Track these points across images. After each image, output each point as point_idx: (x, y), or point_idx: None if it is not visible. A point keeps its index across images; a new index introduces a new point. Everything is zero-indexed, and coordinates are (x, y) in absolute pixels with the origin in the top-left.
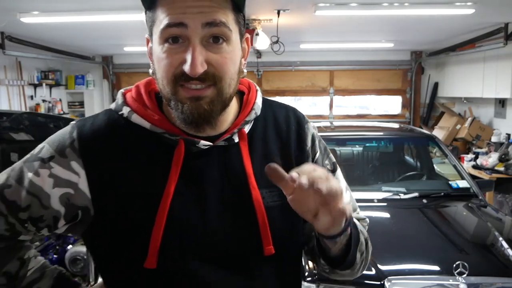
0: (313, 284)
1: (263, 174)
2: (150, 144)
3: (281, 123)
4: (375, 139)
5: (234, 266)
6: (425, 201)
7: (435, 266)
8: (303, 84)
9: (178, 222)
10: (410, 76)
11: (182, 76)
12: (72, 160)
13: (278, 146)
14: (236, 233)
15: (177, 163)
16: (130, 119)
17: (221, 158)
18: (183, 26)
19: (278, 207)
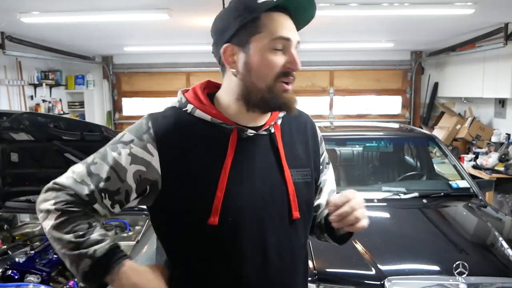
0: (313, 284)
1: (291, 157)
2: (210, 131)
3: (300, 123)
4: (375, 139)
5: (273, 226)
6: (425, 201)
7: (435, 266)
8: (303, 84)
9: (234, 188)
10: (410, 76)
11: (284, 74)
12: (148, 143)
13: (299, 139)
14: (274, 201)
15: (233, 145)
16: (193, 114)
17: (262, 143)
18: (288, 41)
19: (302, 184)
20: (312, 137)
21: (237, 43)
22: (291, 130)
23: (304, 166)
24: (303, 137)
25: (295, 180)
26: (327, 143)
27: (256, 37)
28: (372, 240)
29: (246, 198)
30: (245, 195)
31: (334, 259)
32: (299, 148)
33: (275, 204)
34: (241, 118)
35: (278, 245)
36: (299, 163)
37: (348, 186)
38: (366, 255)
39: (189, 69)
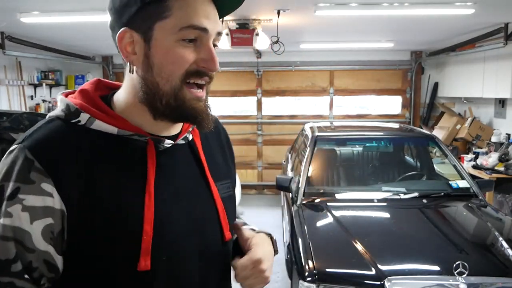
0: (313, 284)
1: (213, 168)
2: (118, 148)
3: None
4: (375, 139)
5: (209, 254)
6: (425, 201)
7: (435, 266)
8: (303, 84)
9: (163, 218)
10: (410, 76)
11: (195, 73)
12: (42, 182)
13: (216, 146)
14: (206, 223)
15: (152, 161)
16: (90, 126)
17: (183, 154)
18: (204, 31)
19: (228, 198)
20: (226, 142)
21: (137, 28)
22: (207, 136)
23: (226, 177)
24: (219, 143)
25: (221, 195)
26: (328, 143)
27: (161, 23)
28: (372, 240)
29: (179, 227)
30: (177, 223)
31: (334, 259)
32: (218, 157)
33: (208, 227)
34: (150, 126)
35: (218, 274)
36: (221, 175)
37: (348, 186)
38: (366, 255)
39: None
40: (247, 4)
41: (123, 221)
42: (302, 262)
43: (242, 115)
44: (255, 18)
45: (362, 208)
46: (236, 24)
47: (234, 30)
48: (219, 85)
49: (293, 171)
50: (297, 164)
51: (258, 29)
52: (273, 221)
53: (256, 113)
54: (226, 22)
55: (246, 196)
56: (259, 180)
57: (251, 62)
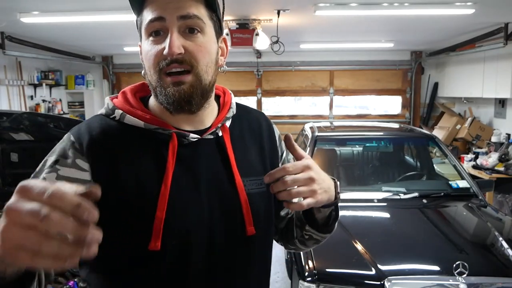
0: (313, 284)
1: (243, 164)
2: (145, 139)
3: (252, 123)
4: (375, 139)
5: (221, 246)
6: (425, 201)
7: (435, 266)
8: (303, 84)
9: (177, 206)
10: (410, 76)
11: (164, 62)
12: (77, 158)
13: (253, 141)
14: (225, 216)
15: (173, 153)
16: (123, 120)
17: (208, 149)
18: (162, 20)
19: (257, 194)
20: (268, 139)
21: (140, 37)
22: (243, 132)
23: (258, 174)
24: (258, 140)
25: (248, 191)
26: (328, 143)
27: (143, 30)
28: (372, 240)
29: (192, 215)
30: (191, 212)
31: (334, 259)
32: (252, 153)
33: (226, 219)
34: (173, 121)
35: (231, 267)
36: (252, 171)
37: (348, 186)
38: (366, 255)
39: None
40: (247, 4)
41: (139, 205)
42: (302, 262)
43: None
44: (255, 18)
45: (362, 208)
46: (236, 24)
47: (234, 30)
48: (218, 85)
49: None
50: None
51: (258, 29)
52: None
53: None
54: (227, 22)
55: None
56: None
57: (251, 62)
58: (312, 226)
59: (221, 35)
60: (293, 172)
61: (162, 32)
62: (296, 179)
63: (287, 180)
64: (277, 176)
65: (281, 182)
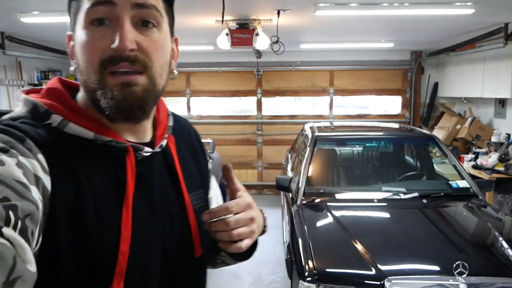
0: (313, 284)
1: (186, 179)
2: (95, 154)
3: (183, 130)
4: (375, 139)
5: (177, 273)
6: (425, 201)
7: (435, 266)
8: (303, 84)
9: (139, 236)
10: (410, 76)
11: (110, 59)
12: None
13: (188, 151)
14: (177, 239)
15: (132, 172)
16: (63, 129)
17: (157, 164)
18: (111, 5)
19: (200, 209)
20: (198, 147)
21: (71, 27)
22: (179, 142)
23: (199, 187)
24: (191, 149)
25: (194, 207)
26: (328, 143)
27: (79, 16)
28: (372, 240)
29: (151, 245)
30: (150, 242)
31: (334, 259)
32: (190, 164)
33: (178, 243)
34: (119, 132)
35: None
36: (194, 185)
37: (348, 186)
38: (366, 255)
39: (188, 69)
40: (247, 4)
41: (99, 238)
42: (302, 262)
43: (242, 115)
44: (255, 18)
45: (362, 208)
46: (236, 24)
47: (234, 30)
48: (218, 85)
49: (293, 171)
50: (297, 164)
51: (258, 29)
52: (273, 221)
53: (256, 113)
54: (226, 22)
55: None
56: (259, 180)
57: (251, 62)
58: (229, 253)
59: (173, 35)
60: (236, 211)
61: (108, 21)
62: (239, 220)
63: (230, 221)
64: (220, 215)
65: (224, 222)
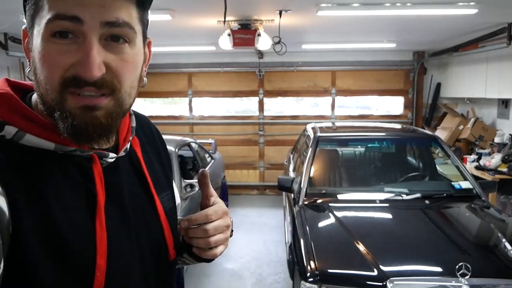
0: (315, 284)
1: (154, 180)
2: (58, 165)
3: (145, 129)
4: (377, 139)
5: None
6: (427, 202)
7: (437, 268)
8: (305, 84)
9: (114, 249)
10: (413, 76)
11: (72, 81)
12: None
13: (152, 151)
14: (150, 245)
15: (100, 181)
16: (19, 141)
17: (124, 168)
18: (77, 22)
19: (170, 211)
20: (161, 145)
21: (27, 23)
22: (143, 142)
23: (166, 188)
24: (155, 149)
25: (165, 209)
26: (330, 144)
27: (38, 17)
28: (374, 241)
29: (128, 256)
30: (126, 252)
31: (336, 259)
32: (156, 165)
33: (153, 248)
34: None
35: None
36: (162, 186)
37: (350, 186)
38: (368, 256)
39: (190, 69)
40: (249, 4)
41: (73, 254)
42: (304, 262)
43: (244, 115)
44: (257, 19)
45: (364, 209)
46: (238, 24)
47: (236, 31)
48: (220, 85)
49: (295, 172)
50: (299, 165)
51: (260, 30)
52: (274, 222)
53: (258, 114)
54: (228, 23)
55: (248, 196)
56: (260, 181)
57: (253, 63)
58: (190, 255)
59: (147, 39)
60: (215, 219)
61: (72, 35)
62: (216, 228)
63: (209, 228)
64: (198, 222)
65: (202, 230)
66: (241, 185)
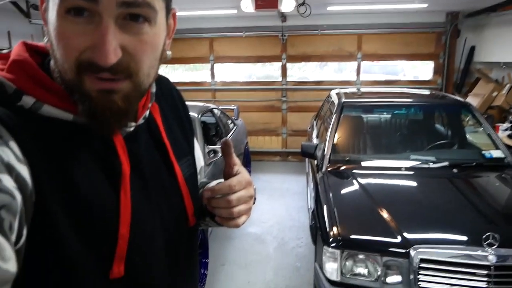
0: (337, 250)
1: (174, 147)
2: (76, 138)
3: (165, 93)
4: (404, 106)
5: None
6: (455, 171)
7: (463, 236)
8: (329, 49)
9: (136, 217)
10: (445, 39)
11: (88, 66)
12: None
13: (173, 116)
14: (171, 213)
15: (123, 151)
16: (37, 111)
17: (144, 136)
18: (92, 0)
19: (190, 177)
20: (183, 109)
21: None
22: (164, 107)
23: (186, 153)
24: (176, 114)
25: (184, 176)
26: (354, 110)
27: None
28: (398, 208)
29: (150, 224)
30: (148, 220)
31: (358, 225)
32: (177, 130)
33: (174, 216)
34: None
35: (186, 266)
36: (182, 152)
37: (375, 154)
38: (392, 223)
39: (212, 34)
40: None
41: (96, 222)
42: (327, 228)
43: (267, 81)
44: None
45: (389, 176)
46: None
47: None
48: (242, 50)
49: (319, 138)
50: (323, 131)
51: None
52: (297, 188)
53: (280, 79)
54: None
55: (271, 163)
56: (283, 147)
57: (276, 27)
58: (213, 219)
59: (171, 10)
60: (238, 189)
61: (87, 13)
62: (240, 198)
63: (232, 199)
64: (222, 193)
65: (225, 200)
66: (263, 152)
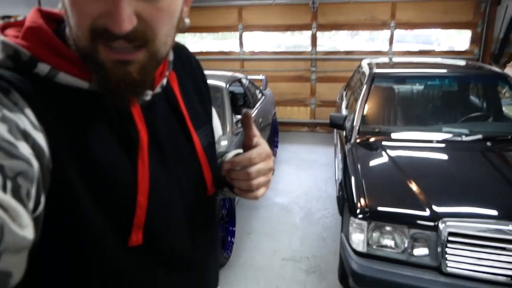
0: (365, 221)
1: (192, 116)
2: (92, 106)
3: (184, 61)
4: (438, 77)
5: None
6: (489, 144)
7: (494, 211)
8: (362, 17)
9: (154, 186)
10: (484, 7)
11: (102, 33)
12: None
13: (191, 85)
14: (189, 182)
15: (141, 119)
16: (53, 79)
17: (160, 105)
18: None
19: (208, 146)
20: (201, 79)
21: None
22: (182, 76)
23: (205, 122)
24: (194, 82)
25: (203, 145)
26: (386, 81)
27: None
28: (428, 181)
29: (167, 193)
30: (166, 189)
31: (386, 197)
32: (195, 99)
33: (192, 185)
34: None
35: (205, 236)
36: (201, 121)
37: (406, 126)
38: (421, 195)
39: (241, 2)
40: None
41: (113, 190)
42: (354, 199)
43: (296, 51)
44: None
45: (419, 149)
46: None
47: None
48: (272, 19)
49: (348, 109)
50: (352, 102)
51: None
52: (324, 159)
53: (310, 49)
54: None
55: (298, 133)
56: (311, 118)
57: None
58: (231, 190)
59: None
60: (258, 162)
61: None
62: (259, 171)
63: (252, 172)
64: (242, 165)
65: (244, 173)
66: (291, 122)
